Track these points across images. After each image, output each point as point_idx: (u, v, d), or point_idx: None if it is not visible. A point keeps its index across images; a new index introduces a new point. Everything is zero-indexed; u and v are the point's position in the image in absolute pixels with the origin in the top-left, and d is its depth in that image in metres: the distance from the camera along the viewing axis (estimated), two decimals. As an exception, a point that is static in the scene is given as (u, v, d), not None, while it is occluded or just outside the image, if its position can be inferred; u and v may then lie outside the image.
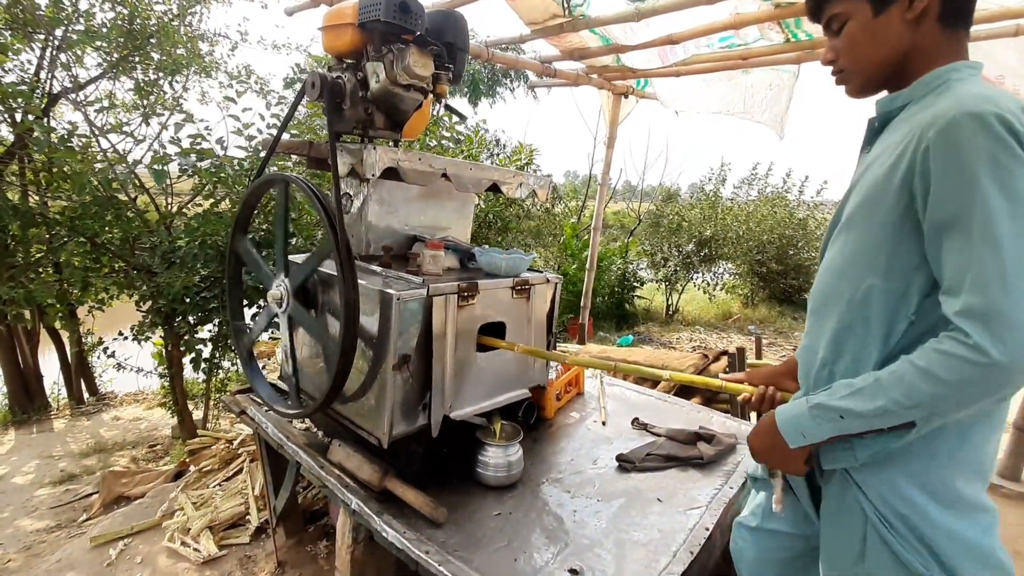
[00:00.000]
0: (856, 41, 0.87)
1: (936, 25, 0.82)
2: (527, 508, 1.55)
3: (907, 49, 0.84)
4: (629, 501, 1.61)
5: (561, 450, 1.90)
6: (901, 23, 0.83)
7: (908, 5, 0.82)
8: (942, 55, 0.83)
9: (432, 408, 1.55)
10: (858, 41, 0.87)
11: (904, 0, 0.82)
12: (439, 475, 1.67)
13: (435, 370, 1.54)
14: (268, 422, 1.83)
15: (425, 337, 1.53)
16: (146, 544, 2.28)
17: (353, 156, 1.46)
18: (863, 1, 0.85)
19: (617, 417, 2.17)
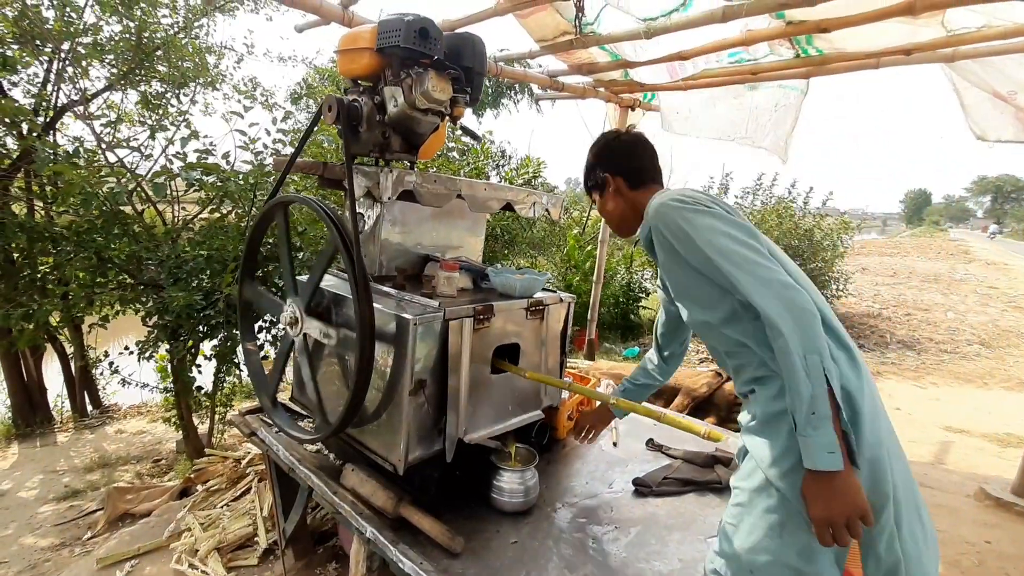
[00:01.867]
0: (604, 212, 1.41)
1: (629, 190, 1.34)
2: (544, 535, 1.52)
3: (625, 207, 1.35)
4: (647, 528, 1.58)
5: (576, 472, 1.88)
6: (613, 198, 1.36)
7: (610, 190, 1.35)
8: (644, 198, 1.29)
9: (447, 432, 1.53)
10: (605, 212, 1.40)
11: (608, 188, 1.35)
12: (453, 500, 1.64)
13: (450, 393, 1.52)
14: (279, 444, 1.81)
15: (441, 361, 1.51)
16: (153, 566, 2.25)
17: (369, 179, 1.45)
18: (595, 192, 1.41)
19: (631, 438, 2.14)
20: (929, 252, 18.02)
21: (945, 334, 7.23)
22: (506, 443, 1.73)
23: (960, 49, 2.51)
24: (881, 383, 5.34)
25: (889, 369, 5.88)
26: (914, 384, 5.41)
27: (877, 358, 6.24)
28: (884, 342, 6.88)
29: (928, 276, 12.84)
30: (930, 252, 17.97)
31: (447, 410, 1.52)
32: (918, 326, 7.67)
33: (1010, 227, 57.31)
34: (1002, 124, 2.94)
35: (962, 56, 2.56)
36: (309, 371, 1.55)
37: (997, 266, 15.08)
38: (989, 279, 12.64)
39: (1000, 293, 10.51)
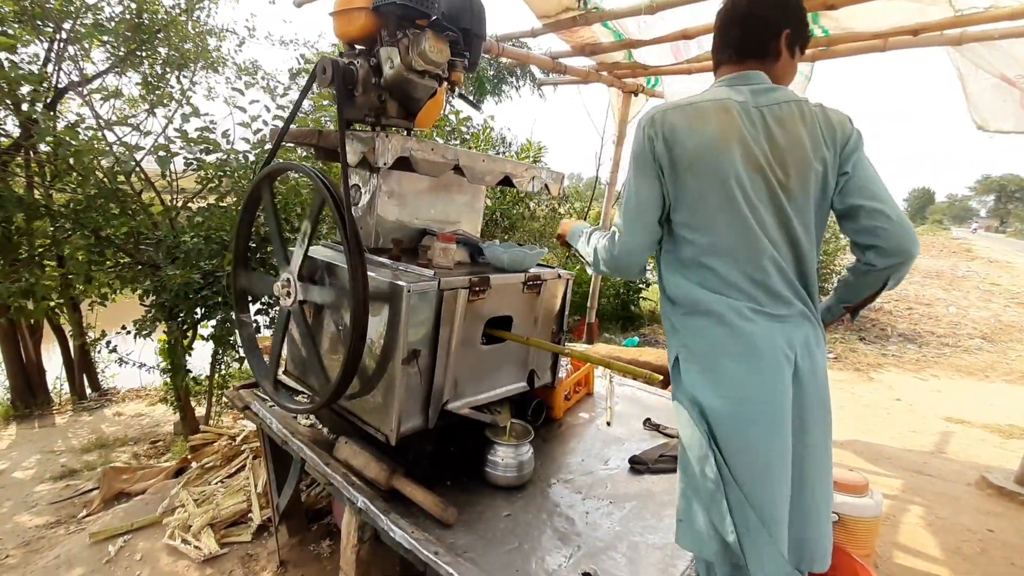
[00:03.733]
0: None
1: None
2: (538, 509, 1.50)
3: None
4: (642, 503, 1.56)
5: (571, 450, 1.86)
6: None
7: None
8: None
9: (431, 398, 1.51)
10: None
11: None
12: (447, 474, 1.62)
13: (438, 361, 1.50)
14: (272, 418, 1.79)
15: (435, 332, 1.49)
16: (146, 541, 2.24)
17: (364, 144, 1.42)
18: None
19: (628, 418, 2.12)
20: (932, 250, 17.95)
21: (947, 328, 7.20)
22: (501, 418, 1.71)
23: (968, 31, 2.46)
24: (881, 374, 5.32)
25: (890, 361, 5.85)
26: (915, 376, 5.39)
27: (878, 350, 6.21)
28: (885, 335, 6.85)
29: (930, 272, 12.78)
30: (932, 250, 17.89)
31: (434, 377, 1.50)
32: (919, 320, 7.64)
33: (1013, 227, 57.07)
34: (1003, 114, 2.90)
35: (970, 38, 2.51)
36: (302, 341, 1.53)
37: (999, 264, 15.01)
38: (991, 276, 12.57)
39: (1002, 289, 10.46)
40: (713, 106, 1.12)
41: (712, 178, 1.10)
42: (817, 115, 1.14)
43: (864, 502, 1.83)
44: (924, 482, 2.95)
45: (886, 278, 1.15)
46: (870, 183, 1.12)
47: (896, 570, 2.15)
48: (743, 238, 1.11)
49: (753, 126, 1.11)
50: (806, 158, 1.11)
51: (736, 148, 1.09)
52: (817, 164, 1.11)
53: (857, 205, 1.11)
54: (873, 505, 1.83)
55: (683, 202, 1.14)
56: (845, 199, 1.13)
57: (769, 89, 1.15)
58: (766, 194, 1.11)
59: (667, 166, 1.14)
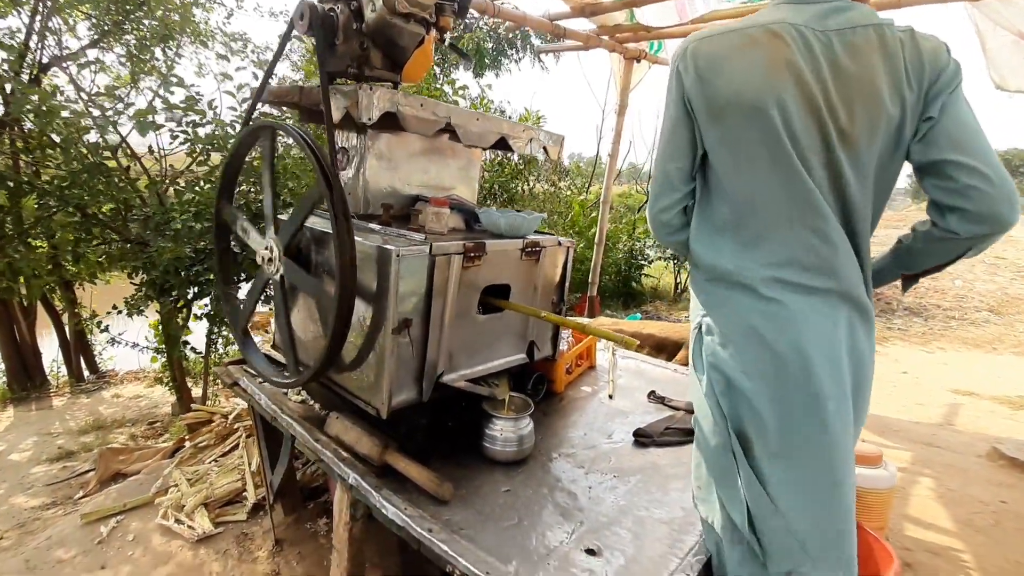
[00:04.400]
0: None
1: None
2: (538, 484, 1.44)
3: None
4: (647, 477, 1.49)
5: (573, 424, 1.79)
6: None
7: None
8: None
9: (425, 370, 1.44)
10: None
11: None
12: (444, 449, 1.55)
13: (431, 331, 1.42)
14: (262, 394, 1.72)
15: (427, 301, 1.40)
16: (139, 521, 2.20)
17: (348, 98, 1.32)
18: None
19: (632, 391, 2.05)
20: None
21: (953, 301, 7.11)
22: (499, 391, 1.64)
23: (992, -19, 2.33)
24: (887, 348, 5.25)
25: (895, 335, 5.78)
26: (921, 349, 5.32)
27: (883, 324, 6.13)
28: (890, 309, 6.76)
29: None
30: None
31: (427, 348, 1.42)
32: (925, 293, 7.54)
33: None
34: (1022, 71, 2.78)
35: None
36: (285, 313, 1.45)
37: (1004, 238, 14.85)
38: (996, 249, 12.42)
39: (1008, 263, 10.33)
40: (762, 33, 0.92)
41: (753, 122, 0.92)
42: (903, 43, 0.90)
43: (879, 473, 1.77)
44: (933, 454, 2.89)
45: (966, 248, 0.96)
46: (963, 131, 0.90)
47: (907, 543, 2.10)
48: (787, 197, 0.94)
49: (812, 56, 0.90)
50: (879, 99, 0.90)
51: (786, 84, 0.90)
52: (893, 108, 0.91)
53: (942, 160, 0.90)
54: (888, 477, 1.76)
55: (717, 150, 0.98)
56: (927, 151, 0.92)
57: (842, 8, 0.92)
58: (819, 142, 0.92)
59: (700, 107, 0.97)
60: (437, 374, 1.48)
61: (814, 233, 0.95)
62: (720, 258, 1.01)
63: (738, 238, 0.99)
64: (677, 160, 1.02)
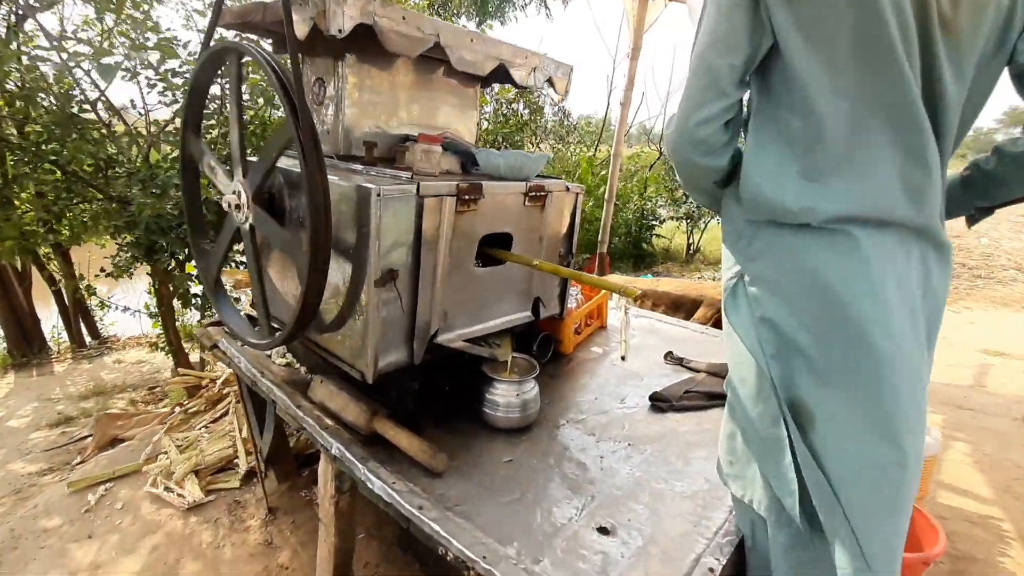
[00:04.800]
0: None
1: None
2: (544, 453, 1.29)
3: None
4: (666, 445, 1.34)
5: (582, 387, 1.63)
6: None
7: None
8: None
9: (416, 329, 1.27)
10: None
11: None
12: (439, 416, 1.41)
13: (421, 284, 1.25)
14: (242, 356, 1.58)
15: (416, 250, 1.23)
16: (128, 489, 2.10)
17: (315, 7, 1.11)
18: None
19: (647, 351, 1.89)
20: None
21: (979, 260, 6.83)
22: (501, 352, 1.48)
23: None
24: (911, 309, 5.04)
25: (919, 295, 5.55)
26: (948, 309, 5.10)
27: (906, 284, 5.90)
28: (913, 269, 6.51)
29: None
30: None
31: (417, 304, 1.25)
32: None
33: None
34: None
35: None
36: (257, 266, 1.28)
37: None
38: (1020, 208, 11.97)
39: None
40: None
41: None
42: None
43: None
44: (966, 417, 2.73)
45: None
46: None
47: (944, 511, 1.96)
48: (883, 105, 0.74)
49: None
50: None
51: None
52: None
53: None
54: (932, 443, 1.61)
55: (792, 39, 0.74)
56: None
57: None
58: (917, 31, 0.72)
59: None
60: (430, 334, 1.32)
61: (908, 153, 0.75)
62: (780, 189, 0.80)
63: (809, 162, 0.78)
64: (729, 53, 0.77)
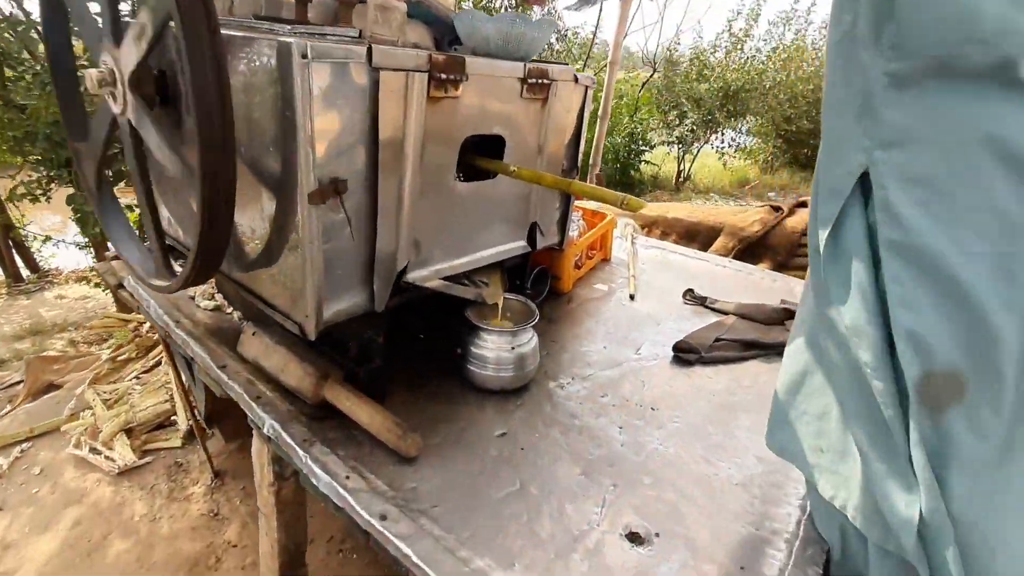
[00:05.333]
0: None
1: None
2: (546, 423, 1.00)
3: None
4: (700, 410, 1.07)
5: (588, 334, 1.34)
6: None
7: None
8: None
9: (376, 267, 0.93)
10: None
11: None
12: (413, 376, 1.10)
13: (383, 205, 0.89)
14: (151, 299, 1.22)
15: (372, 152, 0.86)
16: (49, 451, 1.79)
17: None
18: None
19: (660, 290, 1.58)
20: None
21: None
22: (490, 292, 1.15)
23: None
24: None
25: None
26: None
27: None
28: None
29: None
30: None
31: (378, 232, 0.90)
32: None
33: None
34: None
35: None
36: (142, 179, 0.90)
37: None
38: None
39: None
40: None
41: None
42: None
43: None
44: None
45: None
46: None
47: None
48: None
49: None
50: None
51: None
52: None
53: None
54: None
55: None
56: None
57: None
58: None
59: None
60: (397, 270, 0.98)
61: None
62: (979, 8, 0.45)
63: None
64: None
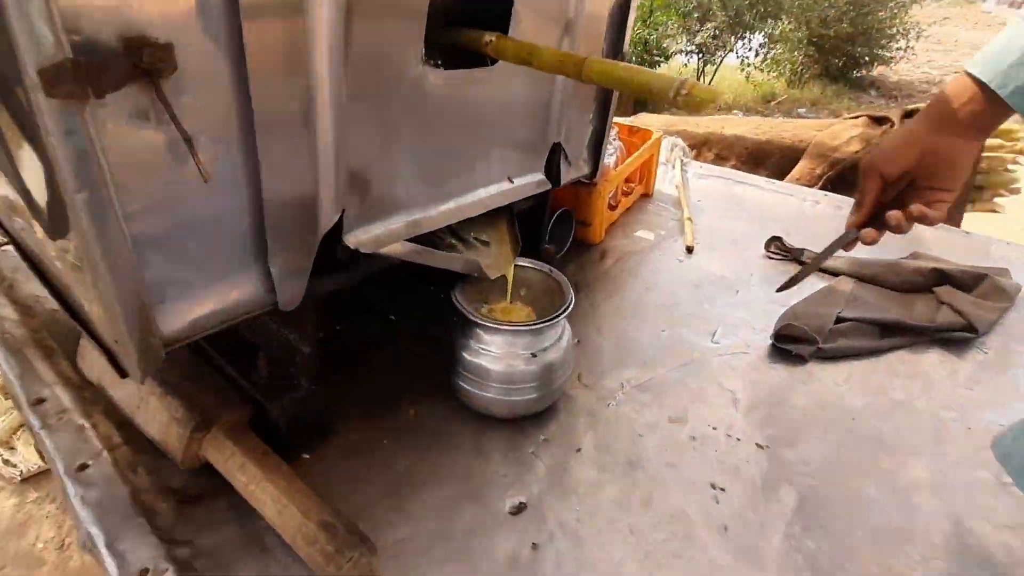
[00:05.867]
0: None
1: None
2: (592, 485, 0.60)
3: None
4: (836, 450, 0.66)
5: (635, 308, 0.91)
6: None
7: None
8: None
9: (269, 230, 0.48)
10: None
11: None
12: (374, 389, 0.69)
13: (262, 101, 0.43)
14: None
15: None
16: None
17: None
18: None
19: (733, 241, 1.13)
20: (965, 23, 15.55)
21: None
22: (490, 260, 0.71)
23: None
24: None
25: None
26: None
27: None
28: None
29: (976, 45, 10.96)
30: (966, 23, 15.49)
31: (266, 160, 0.44)
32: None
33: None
34: None
35: None
36: None
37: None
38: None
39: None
40: None
41: None
42: None
43: None
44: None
45: None
46: None
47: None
48: None
49: None
50: None
51: None
52: None
53: None
54: None
55: None
56: None
57: None
58: None
59: None
60: (321, 229, 0.53)
61: None
62: None
63: None
64: None
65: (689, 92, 0.45)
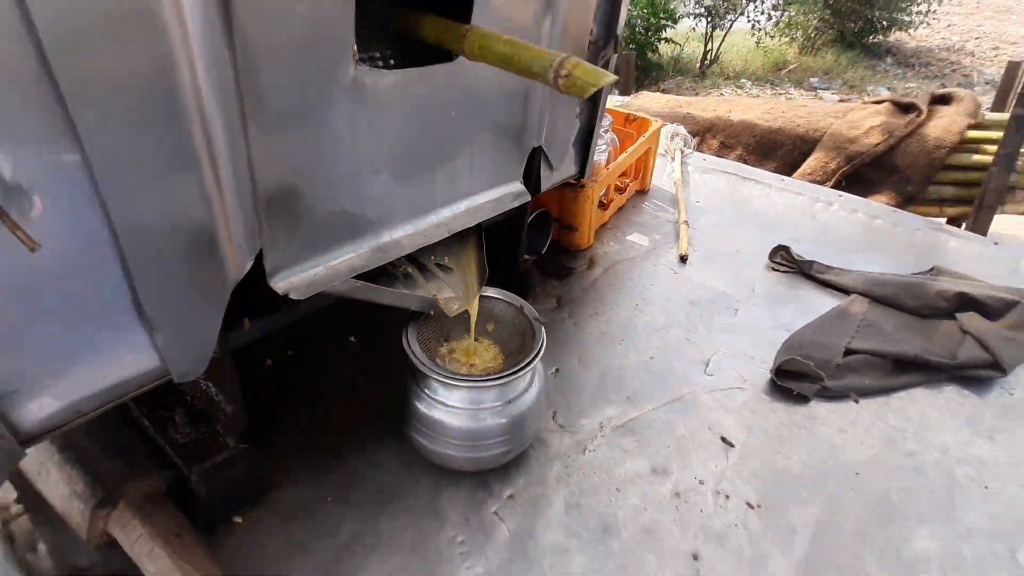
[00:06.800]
0: None
1: None
2: (561, 550, 0.53)
3: None
4: (840, 514, 0.59)
5: (621, 330, 0.83)
6: None
7: None
8: None
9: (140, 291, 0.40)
10: None
11: None
12: (320, 431, 0.62)
13: (88, 147, 0.34)
14: None
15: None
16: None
17: None
18: None
19: (735, 247, 1.03)
20: None
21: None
22: (448, 293, 0.63)
23: None
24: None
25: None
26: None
27: (964, 103, 4.89)
28: (969, 82, 5.41)
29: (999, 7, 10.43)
30: None
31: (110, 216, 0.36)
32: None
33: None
34: None
35: None
36: None
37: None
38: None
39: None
40: None
41: None
42: None
43: None
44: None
45: None
46: None
47: None
48: None
49: None
50: None
51: None
52: None
53: None
54: None
55: None
56: None
57: None
58: None
59: None
60: (232, 279, 0.44)
61: None
62: None
63: None
64: None
65: (570, 73, 0.37)
